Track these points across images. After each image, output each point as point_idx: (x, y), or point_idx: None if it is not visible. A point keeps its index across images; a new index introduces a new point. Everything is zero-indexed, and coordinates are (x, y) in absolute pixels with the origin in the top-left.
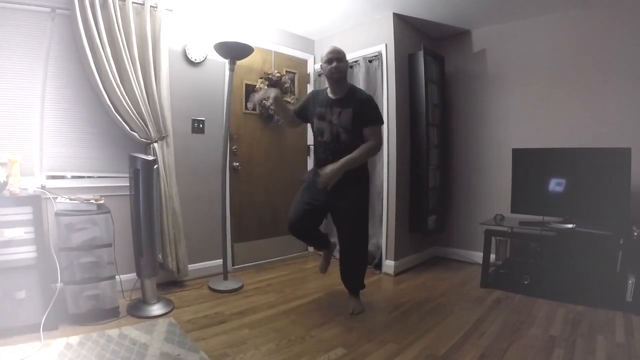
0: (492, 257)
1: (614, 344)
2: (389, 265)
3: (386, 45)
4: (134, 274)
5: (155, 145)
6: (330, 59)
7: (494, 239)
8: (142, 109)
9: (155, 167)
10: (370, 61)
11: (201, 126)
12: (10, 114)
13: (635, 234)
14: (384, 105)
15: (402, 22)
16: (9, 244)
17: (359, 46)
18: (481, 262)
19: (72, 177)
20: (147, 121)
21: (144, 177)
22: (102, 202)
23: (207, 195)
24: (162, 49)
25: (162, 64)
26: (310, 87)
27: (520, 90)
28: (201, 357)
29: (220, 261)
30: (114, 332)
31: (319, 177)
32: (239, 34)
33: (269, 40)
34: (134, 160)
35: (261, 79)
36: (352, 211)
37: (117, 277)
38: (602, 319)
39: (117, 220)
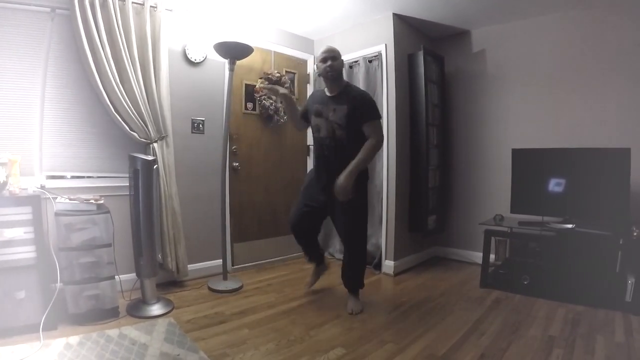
0: (492, 257)
1: (614, 344)
2: (388, 265)
3: (386, 45)
4: (134, 274)
5: (155, 145)
6: (324, 58)
7: (493, 239)
8: (142, 109)
9: (154, 167)
10: (370, 61)
11: (201, 126)
12: (10, 114)
13: (634, 234)
14: (383, 105)
15: (401, 22)
16: (9, 244)
17: (359, 46)
18: (481, 262)
19: (72, 177)
20: (147, 121)
21: (143, 177)
22: (101, 202)
23: (207, 195)
24: (162, 49)
25: (161, 64)
26: (310, 87)
27: (520, 90)
28: (201, 357)
29: (220, 261)
30: (113, 332)
31: (320, 181)
32: (239, 34)
33: (269, 40)
34: (133, 160)
35: (261, 79)
36: (350, 210)
37: (116, 277)
38: (602, 319)
39: (117, 220)
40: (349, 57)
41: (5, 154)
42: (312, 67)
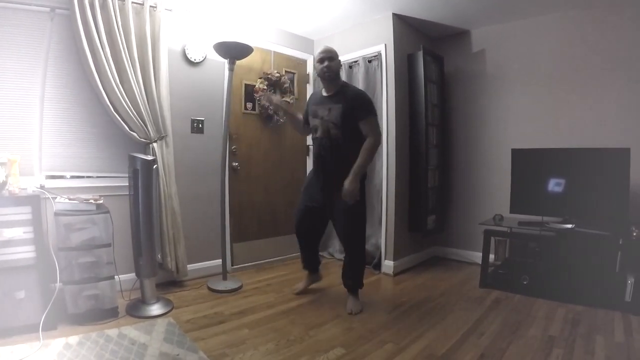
0: (492, 257)
1: (613, 344)
2: (388, 265)
3: (385, 45)
4: (133, 274)
5: (154, 145)
6: (322, 59)
7: (493, 239)
8: (142, 109)
9: (154, 167)
10: (369, 61)
11: (200, 126)
12: (9, 114)
13: (634, 234)
14: (383, 105)
15: (401, 22)
16: (8, 243)
17: (359, 46)
18: (480, 262)
19: (72, 177)
20: (147, 121)
21: (143, 177)
22: (101, 202)
23: (207, 195)
24: (162, 49)
25: (161, 64)
26: (309, 87)
27: (519, 90)
28: (200, 357)
29: (219, 261)
30: (113, 332)
31: (319, 181)
32: (239, 33)
33: (269, 40)
34: (133, 160)
35: (260, 79)
36: (349, 211)
37: (116, 277)
38: (601, 319)
39: (116, 220)
40: (348, 57)
41: (4, 154)
42: (312, 67)
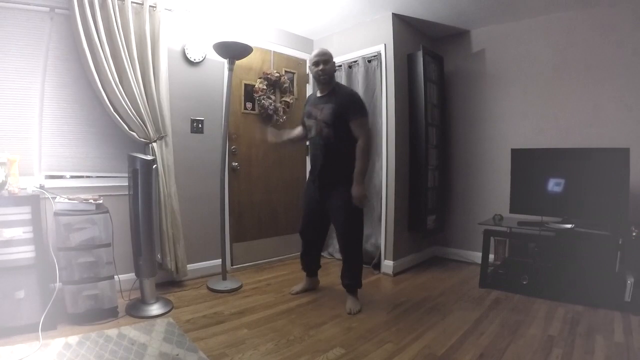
0: (491, 257)
1: (613, 343)
2: (387, 265)
3: (385, 45)
4: (133, 274)
5: (154, 145)
6: (317, 62)
7: (492, 239)
8: (141, 109)
9: (154, 166)
10: (369, 61)
11: (200, 126)
12: (9, 114)
13: (633, 234)
14: (382, 105)
15: (401, 22)
16: (8, 243)
17: (358, 46)
18: (480, 262)
19: (71, 176)
20: (146, 121)
21: (142, 177)
22: (100, 201)
23: (206, 195)
24: (161, 49)
25: (161, 63)
26: (309, 87)
27: (519, 90)
28: (200, 357)
29: (219, 261)
30: (112, 332)
31: (314, 182)
32: (238, 33)
33: (268, 40)
34: (132, 159)
35: (260, 78)
36: (344, 209)
37: (115, 277)
38: (601, 319)
39: (116, 220)
40: (348, 57)
41: (4, 154)
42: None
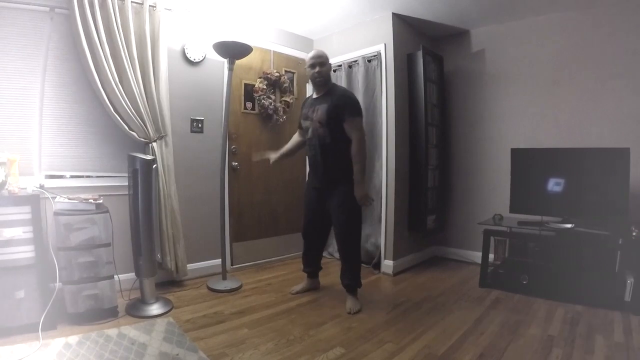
0: (491, 256)
1: (613, 343)
2: (387, 265)
3: (385, 45)
4: (133, 274)
5: (154, 144)
6: (313, 64)
7: (492, 239)
8: (141, 109)
9: (154, 166)
10: (369, 61)
11: (200, 126)
12: (9, 113)
13: (633, 234)
14: (382, 105)
15: (401, 22)
16: (8, 243)
17: (358, 46)
18: (480, 261)
19: (71, 176)
20: (146, 121)
21: (142, 177)
22: (100, 201)
23: (206, 194)
24: (161, 49)
25: (161, 63)
26: (309, 87)
27: (519, 90)
28: (200, 357)
29: (219, 261)
30: (112, 331)
31: (313, 182)
32: (238, 33)
33: (268, 39)
34: (132, 159)
35: (260, 78)
36: (342, 209)
37: (115, 276)
38: (601, 319)
39: (116, 219)
40: (348, 56)
41: (4, 154)
42: None
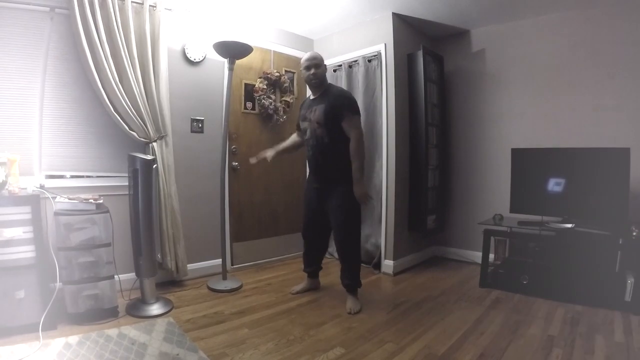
0: (491, 256)
1: (613, 343)
2: (388, 265)
3: (385, 44)
4: (133, 274)
5: (154, 144)
6: (308, 66)
7: (493, 239)
8: (141, 109)
9: (154, 166)
10: (369, 61)
11: (200, 125)
12: (9, 113)
13: (634, 234)
14: (383, 105)
15: (401, 22)
16: (8, 243)
17: (358, 46)
18: (480, 261)
19: (71, 176)
20: (146, 120)
21: (143, 177)
22: (101, 201)
23: (206, 194)
24: (161, 49)
25: (161, 63)
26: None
27: (519, 90)
28: (200, 357)
29: (219, 261)
30: (112, 331)
31: (312, 183)
32: (238, 33)
33: (268, 39)
34: (133, 159)
35: (260, 78)
36: (342, 210)
37: (116, 276)
38: (601, 319)
39: (116, 219)
40: (348, 56)
41: (4, 154)
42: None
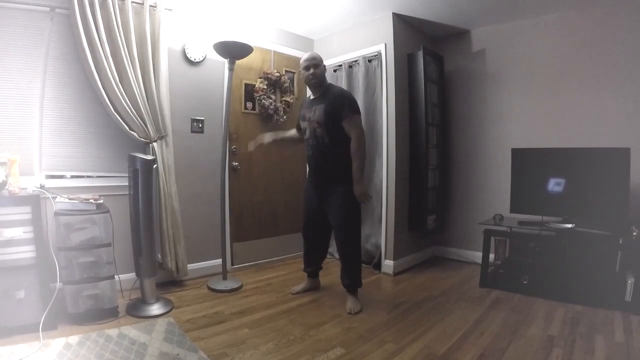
0: (492, 256)
1: (613, 343)
2: (388, 265)
3: (385, 44)
4: (133, 274)
5: (154, 144)
6: (307, 66)
7: (493, 239)
8: (142, 109)
9: (154, 166)
10: (369, 61)
11: (200, 126)
12: (9, 114)
13: (634, 234)
14: (383, 105)
15: (401, 22)
16: (8, 243)
17: (359, 46)
18: (480, 261)
19: (71, 176)
20: (147, 121)
21: (143, 177)
22: (101, 201)
23: (207, 194)
24: (162, 49)
25: (161, 63)
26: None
27: (519, 90)
28: (200, 357)
29: (219, 261)
30: (113, 331)
31: (312, 183)
32: (239, 33)
33: (268, 39)
34: (133, 159)
35: (260, 78)
36: (342, 209)
37: (116, 276)
38: (601, 319)
39: (116, 219)
40: (348, 56)
41: (4, 154)
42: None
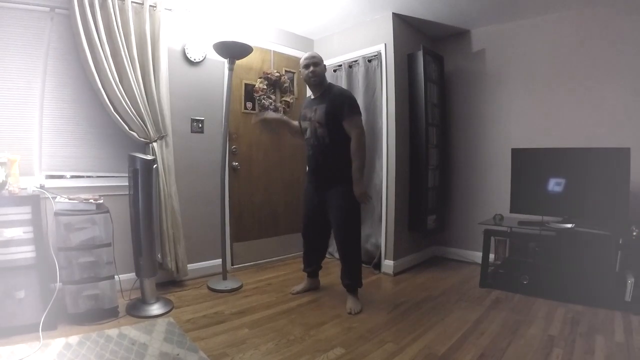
0: (492, 256)
1: (613, 343)
2: (388, 265)
3: (385, 45)
4: (133, 274)
5: (154, 144)
6: (307, 65)
7: (493, 239)
8: (141, 109)
9: (154, 166)
10: (369, 61)
11: (200, 126)
12: (9, 113)
13: (634, 234)
14: (383, 105)
15: (401, 22)
16: (8, 243)
17: (358, 46)
18: (480, 261)
19: (71, 176)
20: (146, 121)
21: (143, 177)
22: (101, 201)
23: (207, 194)
24: (162, 49)
25: (161, 63)
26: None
27: (519, 90)
28: (200, 357)
29: (219, 261)
30: (113, 332)
31: (312, 183)
32: (238, 33)
33: (268, 39)
34: (133, 159)
35: (260, 78)
36: (342, 209)
37: (116, 276)
38: (601, 319)
39: (116, 219)
40: (348, 56)
41: (4, 154)
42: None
